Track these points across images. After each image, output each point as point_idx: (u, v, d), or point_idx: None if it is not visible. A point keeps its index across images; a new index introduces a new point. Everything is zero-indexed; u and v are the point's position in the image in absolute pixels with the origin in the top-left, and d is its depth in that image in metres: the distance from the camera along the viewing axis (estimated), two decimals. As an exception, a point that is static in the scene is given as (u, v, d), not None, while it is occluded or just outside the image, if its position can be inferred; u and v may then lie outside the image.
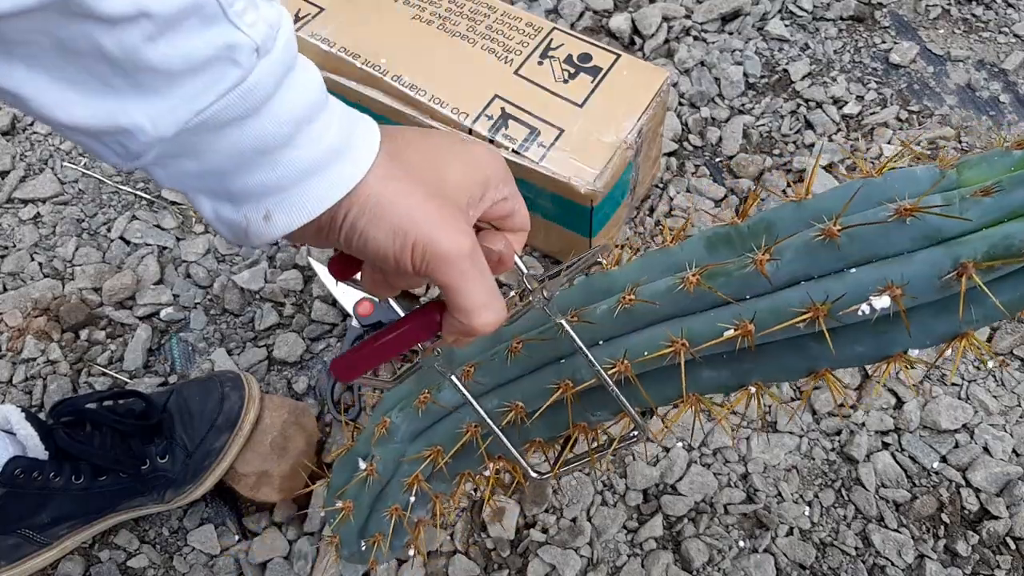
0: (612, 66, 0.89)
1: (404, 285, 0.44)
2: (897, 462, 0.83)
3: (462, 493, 0.63)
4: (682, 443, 0.85)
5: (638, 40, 1.16)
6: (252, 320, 0.95)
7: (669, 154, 1.06)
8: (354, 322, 0.90)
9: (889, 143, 1.05)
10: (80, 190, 1.07)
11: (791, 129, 1.07)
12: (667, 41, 1.15)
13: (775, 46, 1.16)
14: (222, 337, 0.95)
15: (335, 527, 0.66)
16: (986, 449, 0.83)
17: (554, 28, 0.92)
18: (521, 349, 0.52)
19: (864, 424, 0.85)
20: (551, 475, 0.55)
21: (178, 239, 1.02)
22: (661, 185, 1.03)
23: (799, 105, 1.09)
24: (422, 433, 0.59)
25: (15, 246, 1.02)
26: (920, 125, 1.07)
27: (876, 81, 1.11)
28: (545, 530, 0.81)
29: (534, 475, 0.54)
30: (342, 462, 0.67)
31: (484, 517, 0.82)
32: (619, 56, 0.90)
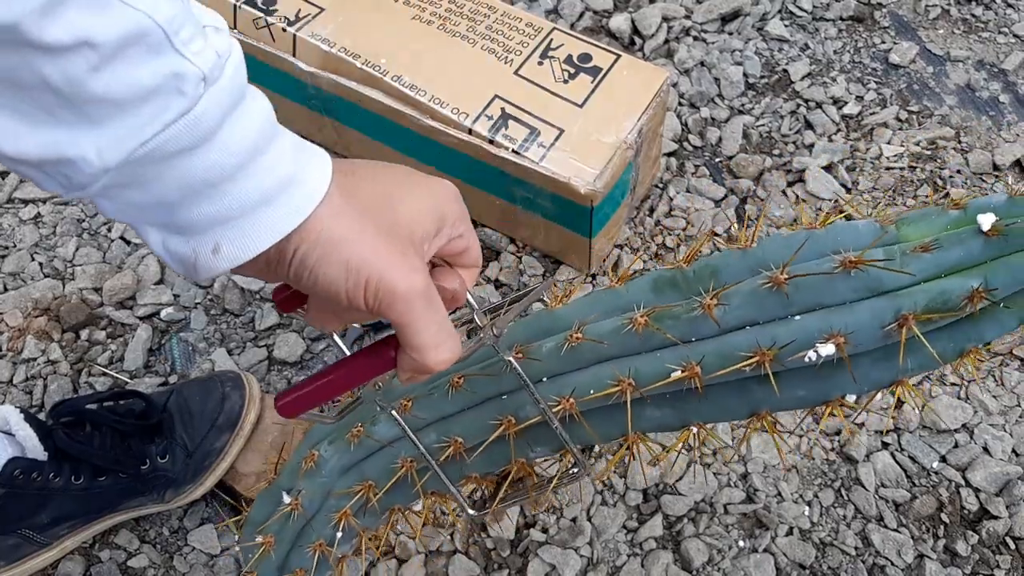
0: (612, 66, 0.89)
1: (352, 320, 0.43)
2: (897, 462, 0.84)
3: (390, 528, 0.61)
4: (682, 443, 0.85)
5: (638, 40, 1.16)
6: (252, 320, 0.95)
7: (669, 154, 1.06)
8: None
9: (889, 143, 1.05)
10: (80, 190, 1.07)
11: (791, 129, 1.07)
12: (667, 41, 1.16)
13: (775, 46, 1.16)
14: (222, 337, 0.95)
15: (253, 563, 0.63)
16: (986, 449, 0.83)
17: (554, 28, 0.92)
18: (463, 384, 0.52)
19: (863, 424, 0.86)
20: (488, 512, 0.54)
21: (178, 239, 1.02)
22: (661, 185, 1.03)
23: (799, 105, 1.09)
24: (353, 467, 0.58)
25: (15, 246, 1.02)
26: (920, 125, 1.07)
27: (876, 81, 1.11)
28: (545, 530, 0.81)
29: (471, 512, 0.54)
30: (264, 496, 0.64)
31: (485, 519, 0.82)
32: (619, 56, 0.90)
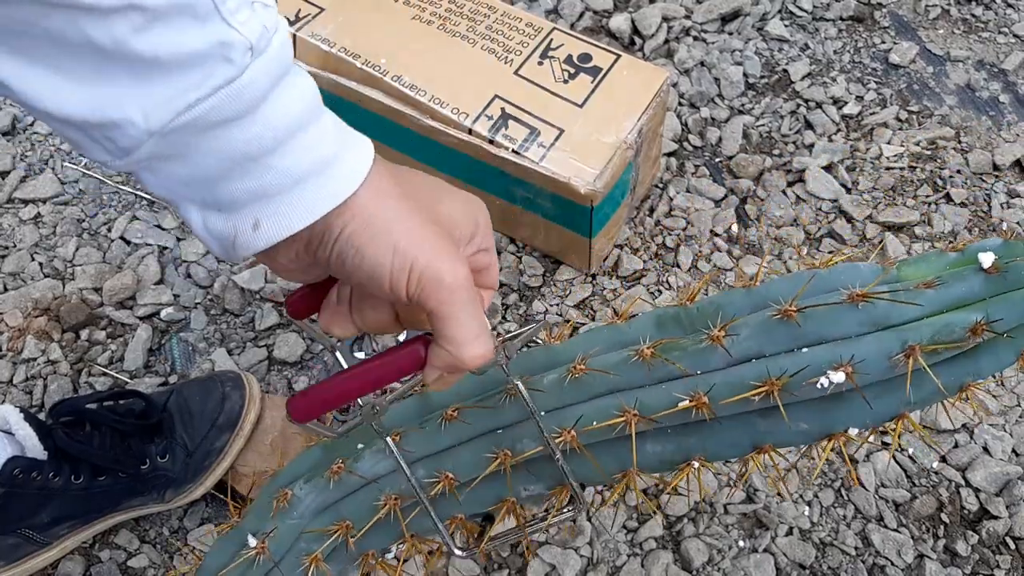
0: (612, 66, 0.89)
1: (372, 320, 0.41)
2: (897, 462, 0.84)
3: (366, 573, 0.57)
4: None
5: (638, 40, 1.16)
6: (252, 320, 0.95)
7: (669, 154, 1.06)
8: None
9: (889, 143, 1.05)
10: (80, 190, 1.07)
11: (791, 129, 1.07)
12: (667, 41, 1.16)
13: (775, 46, 1.16)
14: (222, 337, 0.95)
15: None
16: (986, 449, 0.83)
17: (554, 28, 0.92)
18: (458, 416, 0.50)
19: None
20: (478, 551, 0.53)
21: (179, 239, 1.02)
22: (661, 185, 1.03)
23: (799, 105, 1.09)
24: (330, 506, 0.55)
25: (15, 246, 1.02)
26: (920, 125, 1.07)
27: (876, 81, 1.11)
28: (545, 530, 0.81)
29: (458, 552, 0.52)
30: (223, 540, 0.59)
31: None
32: (619, 56, 0.90)
